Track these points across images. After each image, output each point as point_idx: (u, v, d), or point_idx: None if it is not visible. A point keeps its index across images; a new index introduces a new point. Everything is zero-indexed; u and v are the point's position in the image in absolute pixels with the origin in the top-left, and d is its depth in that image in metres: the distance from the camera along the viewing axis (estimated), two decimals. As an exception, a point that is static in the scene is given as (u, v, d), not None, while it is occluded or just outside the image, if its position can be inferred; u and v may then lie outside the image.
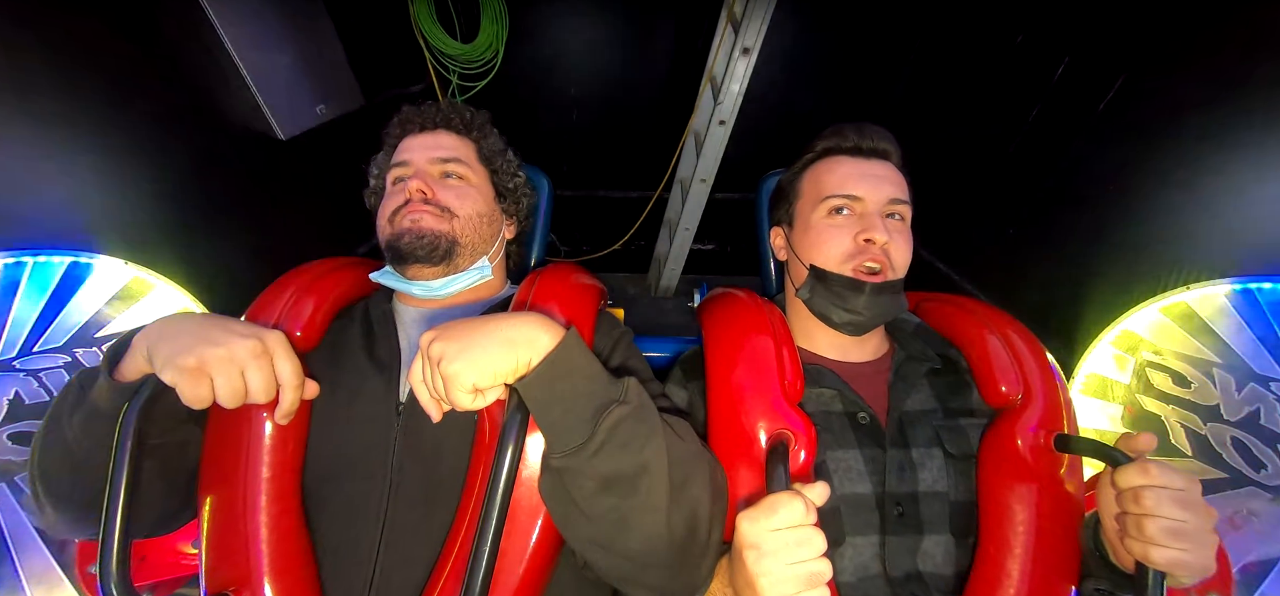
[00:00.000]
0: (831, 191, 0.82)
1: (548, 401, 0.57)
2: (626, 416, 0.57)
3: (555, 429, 0.58)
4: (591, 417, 0.56)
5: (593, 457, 0.56)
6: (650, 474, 0.57)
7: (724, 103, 1.68)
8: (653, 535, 0.58)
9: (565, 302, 0.74)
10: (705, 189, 1.93)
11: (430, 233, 0.80)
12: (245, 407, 0.68)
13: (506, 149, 0.96)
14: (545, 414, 0.58)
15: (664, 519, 0.58)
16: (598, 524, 0.59)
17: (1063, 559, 0.67)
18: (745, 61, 1.60)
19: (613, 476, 0.57)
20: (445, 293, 0.83)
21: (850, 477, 0.74)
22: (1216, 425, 1.09)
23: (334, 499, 0.70)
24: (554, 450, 0.59)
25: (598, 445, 0.56)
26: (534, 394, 0.57)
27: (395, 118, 0.92)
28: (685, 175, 1.98)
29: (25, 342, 1.01)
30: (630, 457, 0.57)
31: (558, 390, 0.57)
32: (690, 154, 1.94)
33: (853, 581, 0.70)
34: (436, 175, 0.86)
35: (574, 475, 0.58)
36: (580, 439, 0.56)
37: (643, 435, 0.58)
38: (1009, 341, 0.79)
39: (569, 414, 0.57)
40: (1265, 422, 1.04)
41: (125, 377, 0.63)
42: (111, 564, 0.54)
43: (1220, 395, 1.09)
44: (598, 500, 0.58)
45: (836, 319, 0.81)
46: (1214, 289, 1.11)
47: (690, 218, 2.02)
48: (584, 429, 0.56)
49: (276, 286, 0.79)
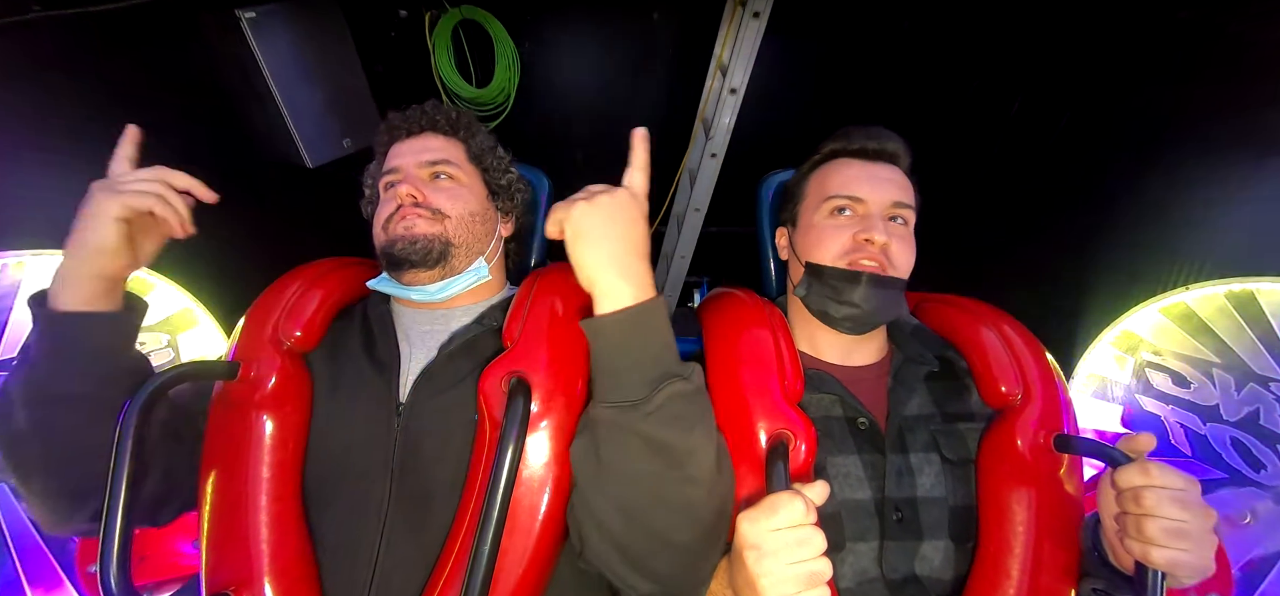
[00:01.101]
0: (834, 192, 0.82)
1: (621, 347, 0.59)
2: (686, 393, 0.59)
3: (618, 378, 0.59)
4: (654, 380, 0.58)
5: (646, 418, 0.57)
6: (699, 454, 0.59)
7: (715, 137, 1.88)
8: (686, 514, 0.60)
9: (567, 301, 0.74)
10: (699, 218, 2.09)
11: (423, 237, 0.80)
12: (246, 407, 0.68)
13: (496, 146, 0.96)
14: (614, 358, 0.60)
15: (703, 496, 0.60)
16: (632, 488, 0.60)
17: (1063, 559, 0.67)
18: (733, 100, 1.79)
19: (661, 443, 0.58)
20: (443, 296, 0.83)
21: (850, 483, 0.73)
22: (1216, 425, 1.09)
23: (334, 499, 0.70)
24: (608, 398, 0.60)
25: (654, 407, 0.57)
26: (611, 335, 0.59)
27: (383, 125, 0.92)
28: (680, 209, 2.17)
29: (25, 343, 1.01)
30: (679, 433, 0.58)
31: (633, 341, 0.59)
32: (685, 188, 2.14)
33: (852, 586, 0.70)
34: (426, 177, 0.86)
35: (618, 432, 0.59)
36: (637, 396, 0.58)
37: (694, 416, 0.60)
38: (1008, 341, 0.79)
39: (635, 368, 0.59)
40: (1265, 423, 1.04)
41: (67, 305, 0.62)
42: (111, 563, 0.54)
43: (1220, 395, 1.09)
44: (640, 462, 0.59)
45: (835, 314, 0.80)
46: (1214, 289, 1.11)
47: (685, 247, 2.22)
48: (643, 388, 0.58)
49: (278, 285, 0.80)
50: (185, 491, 0.71)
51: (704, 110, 1.93)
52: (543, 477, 0.65)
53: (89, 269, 0.62)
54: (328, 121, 1.75)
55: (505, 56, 2.00)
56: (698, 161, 1.95)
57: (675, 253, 2.23)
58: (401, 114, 0.91)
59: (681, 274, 2.30)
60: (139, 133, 0.69)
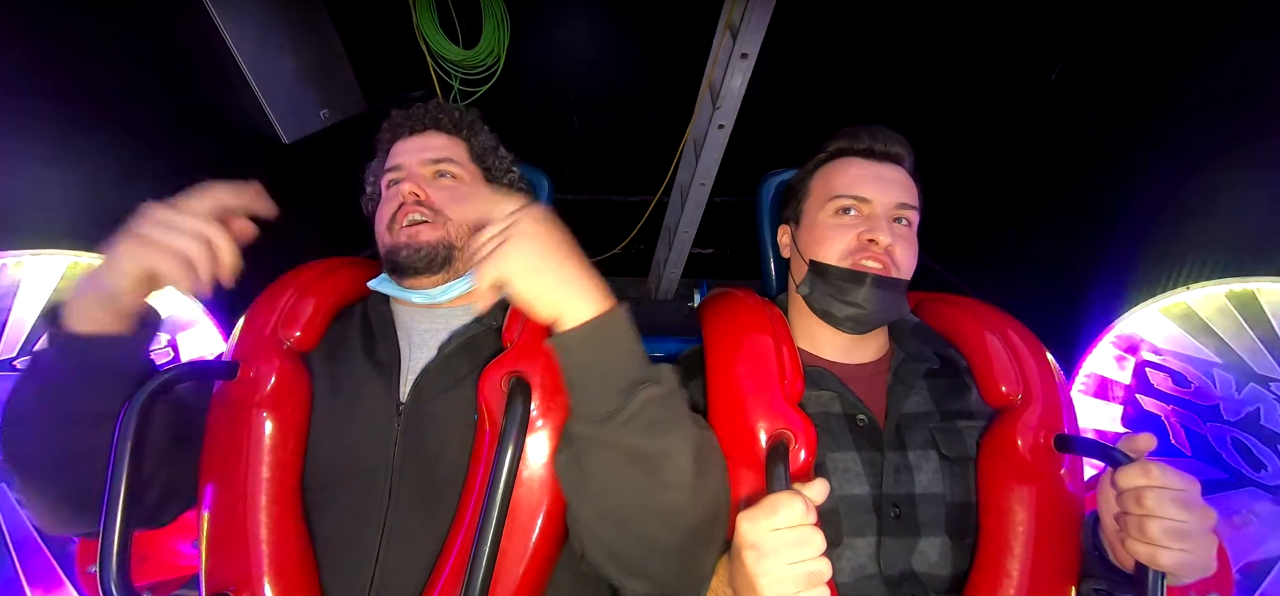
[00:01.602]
0: (839, 192, 0.82)
1: (587, 364, 0.58)
2: (659, 397, 0.58)
3: (588, 392, 0.58)
4: (625, 390, 0.57)
5: (621, 428, 0.57)
6: (676, 457, 0.58)
7: (723, 107, 1.69)
8: (672, 518, 0.59)
9: None
10: (704, 192, 1.94)
11: (428, 245, 0.80)
12: (245, 407, 0.68)
13: (498, 146, 0.96)
14: (582, 375, 0.58)
15: (687, 501, 0.59)
16: (615, 497, 0.60)
17: (1063, 559, 0.67)
18: (743, 66, 1.61)
19: (637, 452, 0.57)
20: (444, 298, 0.83)
21: (848, 479, 0.74)
22: (1216, 425, 1.09)
23: (334, 499, 0.70)
24: (581, 416, 0.59)
25: (628, 417, 0.56)
26: (576, 354, 0.58)
27: (385, 123, 0.92)
28: (684, 180, 2.01)
29: (25, 343, 1.01)
30: (657, 438, 0.58)
31: (599, 355, 0.58)
32: (689, 159, 1.97)
33: (850, 582, 0.70)
34: (428, 176, 0.86)
35: (595, 446, 0.58)
36: (609, 408, 0.57)
37: (671, 419, 0.59)
38: (1009, 341, 0.79)
39: (604, 382, 0.58)
40: (1265, 422, 1.04)
41: (83, 328, 0.60)
42: (111, 563, 0.54)
43: (1220, 395, 1.09)
44: (619, 472, 0.58)
45: (838, 313, 0.80)
46: (1214, 289, 1.11)
47: (689, 221, 2.05)
48: (615, 399, 0.57)
49: (276, 286, 0.80)
50: (187, 492, 0.71)
51: (711, 75, 1.77)
52: (543, 477, 0.65)
53: (103, 304, 0.60)
54: (303, 92, 1.61)
55: (494, 14, 1.87)
56: (704, 131, 1.79)
57: (679, 226, 2.08)
58: (404, 111, 0.91)
59: (686, 248, 2.17)
60: (257, 197, 0.63)
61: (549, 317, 0.58)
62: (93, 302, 0.60)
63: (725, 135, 1.76)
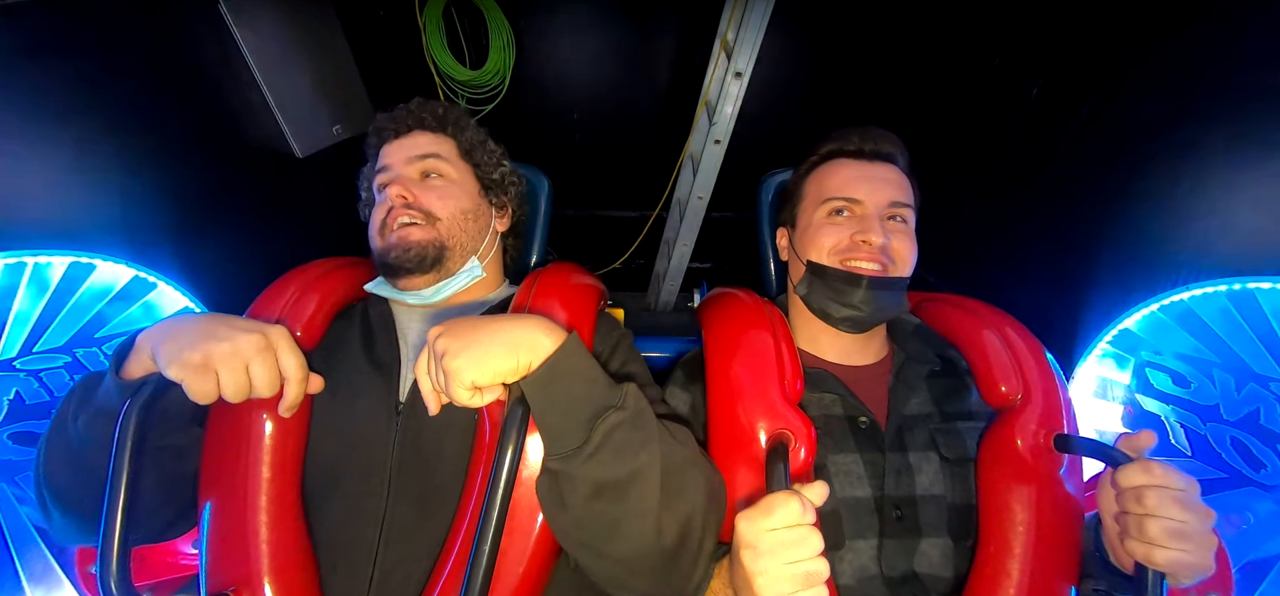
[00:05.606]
0: (832, 194, 0.83)
1: (546, 404, 0.58)
2: (623, 422, 0.58)
3: (552, 431, 0.59)
4: (588, 422, 0.57)
5: (587, 462, 0.57)
6: (642, 480, 0.58)
7: (718, 123, 1.76)
8: (641, 542, 0.59)
9: (566, 302, 0.74)
10: (702, 205, 1.99)
11: (417, 245, 0.80)
12: (246, 407, 0.68)
13: (486, 139, 0.96)
14: (544, 416, 0.59)
15: (654, 525, 0.58)
16: (588, 528, 0.60)
17: (1063, 559, 0.67)
18: (738, 84, 1.67)
19: (605, 482, 0.57)
20: (439, 298, 0.83)
21: (850, 481, 0.74)
22: (1216, 425, 1.09)
23: (334, 499, 0.70)
24: (551, 452, 0.60)
25: (593, 449, 0.57)
26: (535, 396, 0.58)
27: (372, 127, 0.92)
28: (682, 195, 2.06)
29: (25, 343, 1.01)
30: (624, 464, 0.57)
31: (556, 393, 0.58)
32: (687, 174, 2.02)
33: (852, 583, 0.70)
34: (416, 176, 0.86)
35: (568, 478, 0.59)
36: (576, 442, 0.57)
37: (638, 442, 0.59)
38: (1009, 341, 0.79)
39: (567, 417, 0.58)
40: (1265, 422, 1.04)
41: (131, 376, 0.63)
42: (111, 564, 0.54)
43: (1220, 395, 1.09)
44: (589, 505, 0.58)
45: (835, 314, 0.80)
46: (1214, 289, 1.10)
47: (687, 235, 2.10)
48: (580, 433, 0.57)
49: (277, 286, 0.80)
50: (188, 506, 0.70)
51: (708, 93, 1.83)
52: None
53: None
54: (316, 108, 1.67)
55: (500, 36, 1.93)
56: (701, 147, 1.86)
57: (677, 240, 2.13)
58: (388, 114, 0.91)
59: (684, 261, 2.21)
60: (315, 386, 0.68)
61: (521, 375, 0.59)
62: (149, 364, 0.61)
63: (721, 151, 1.82)
